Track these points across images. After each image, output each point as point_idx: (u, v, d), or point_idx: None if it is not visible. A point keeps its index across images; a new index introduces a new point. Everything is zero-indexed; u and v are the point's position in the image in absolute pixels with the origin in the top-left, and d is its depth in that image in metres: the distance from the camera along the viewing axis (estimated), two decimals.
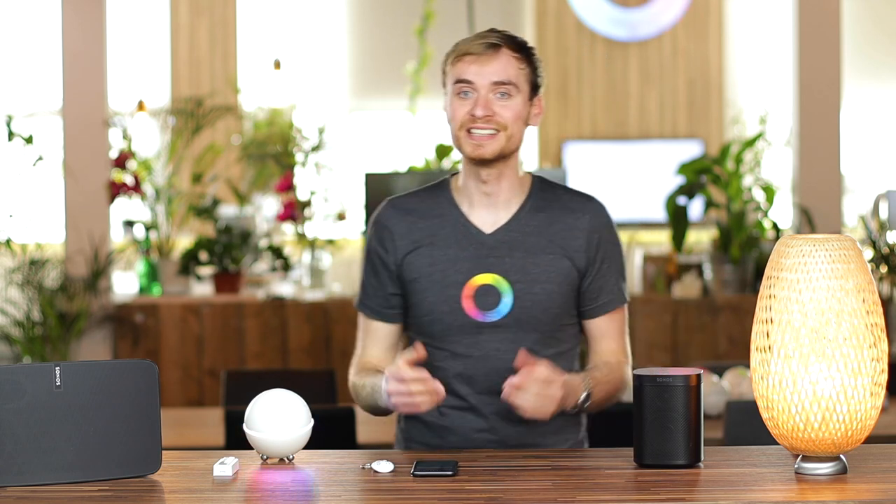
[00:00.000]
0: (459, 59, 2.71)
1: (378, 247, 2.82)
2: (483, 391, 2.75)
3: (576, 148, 9.52)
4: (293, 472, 2.47)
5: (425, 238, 2.78)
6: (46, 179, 6.58)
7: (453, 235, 2.77)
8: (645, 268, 6.62)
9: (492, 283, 2.70)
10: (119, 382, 2.41)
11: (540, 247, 2.76)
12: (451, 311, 2.74)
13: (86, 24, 6.30)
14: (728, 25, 9.78)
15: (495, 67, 2.69)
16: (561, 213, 2.79)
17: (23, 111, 7.73)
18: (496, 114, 2.70)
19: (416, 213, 2.81)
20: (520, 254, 2.75)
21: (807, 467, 2.38)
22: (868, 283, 2.35)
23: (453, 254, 2.76)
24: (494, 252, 2.75)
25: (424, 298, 2.76)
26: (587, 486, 2.36)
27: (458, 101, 2.72)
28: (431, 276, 2.76)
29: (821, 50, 6.40)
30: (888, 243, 6.00)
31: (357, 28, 9.81)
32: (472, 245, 2.76)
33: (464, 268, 2.75)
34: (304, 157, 6.81)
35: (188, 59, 9.82)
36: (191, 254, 6.48)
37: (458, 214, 2.79)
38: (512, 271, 2.73)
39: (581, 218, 2.80)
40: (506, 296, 2.69)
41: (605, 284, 2.81)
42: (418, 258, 2.77)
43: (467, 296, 2.70)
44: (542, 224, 2.78)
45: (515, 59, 2.72)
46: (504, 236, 2.76)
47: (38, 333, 6.18)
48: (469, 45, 2.71)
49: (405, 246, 2.79)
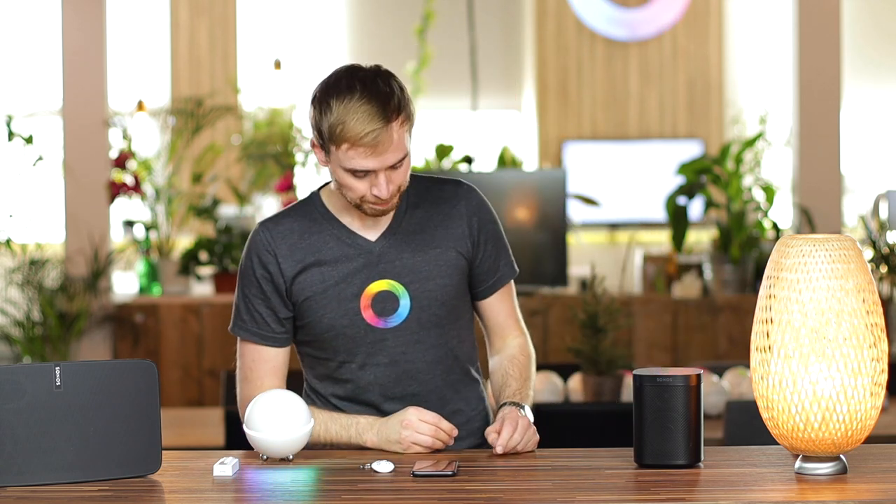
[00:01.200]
0: (351, 147, 2.57)
1: (263, 272, 2.74)
2: (395, 396, 2.76)
3: (576, 148, 9.52)
4: (293, 472, 2.47)
5: (310, 256, 2.74)
6: (46, 179, 6.59)
7: (339, 248, 2.74)
8: (645, 268, 6.62)
9: (388, 288, 2.70)
10: (119, 382, 2.41)
11: (425, 242, 2.76)
12: (352, 323, 2.72)
13: (86, 24, 6.30)
14: (728, 25, 9.78)
15: (389, 148, 2.59)
16: (436, 206, 2.79)
17: (23, 111, 7.73)
18: (397, 185, 2.65)
19: (293, 233, 2.75)
20: (408, 255, 2.74)
21: (807, 467, 2.38)
22: (868, 283, 2.35)
23: (343, 267, 2.73)
24: (383, 258, 2.74)
25: (323, 316, 2.73)
26: (587, 486, 2.36)
27: (353, 179, 2.63)
28: (326, 293, 2.72)
29: (821, 50, 6.40)
30: (888, 243, 6.00)
31: (357, 28, 9.81)
32: (360, 255, 2.74)
33: (357, 279, 2.72)
34: (304, 157, 6.81)
35: (188, 59, 9.82)
36: (191, 254, 6.48)
37: (339, 227, 2.75)
38: (404, 273, 2.73)
39: (456, 205, 2.79)
40: (403, 299, 2.69)
41: (493, 264, 2.82)
42: (308, 277, 2.73)
43: (365, 305, 2.70)
44: (422, 220, 2.77)
45: (401, 124, 2.61)
46: (389, 240, 2.75)
47: (38, 333, 6.18)
48: (356, 132, 2.56)
49: (291, 267, 2.73)
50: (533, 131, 9.58)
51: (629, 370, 4.25)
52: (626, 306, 6.20)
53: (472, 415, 2.85)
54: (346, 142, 2.58)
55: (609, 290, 4.54)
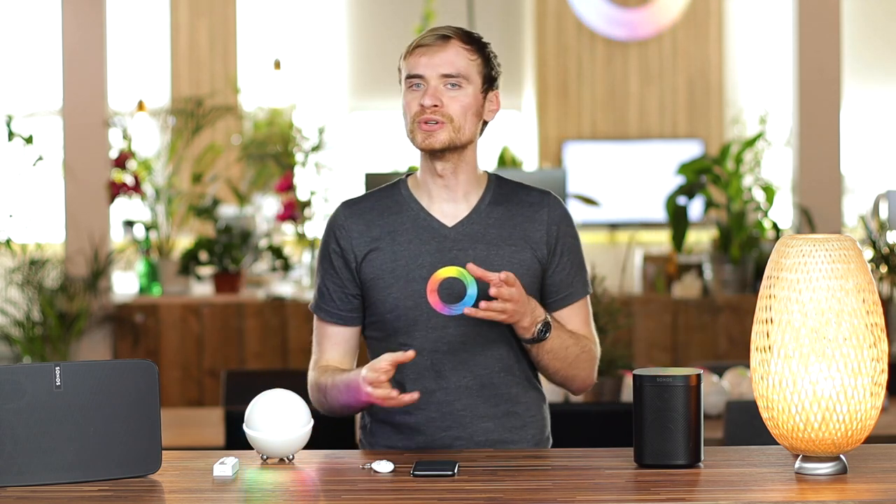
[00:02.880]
0: (410, 53, 2.73)
1: (336, 248, 2.79)
2: (449, 386, 2.75)
3: (576, 148, 9.52)
4: (293, 472, 2.47)
5: (385, 235, 2.77)
6: (46, 179, 6.59)
7: (414, 230, 2.77)
8: (645, 268, 6.62)
9: (456, 275, 2.68)
10: (119, 382, 2.41)
11: (501, 238, 2.77)
12: (416, 305, 2.73)
13: (86, 24, 6.30)
14: (728, 25, 9.78)
15: (444, 59, 2.71)
16: (519, 207, 2.80)
17: (23, 111, 7.73)
18: (444, 104, 2.71)
19: (373, 211, 2.80)
20: (482, 246, 2.75)
21: (807, 467, 2.38)
22: (868, 283, 2.35)
23: (415, 248, 2.75)
24: (457, 245, 2.75)
25: (388, 295, 2.75)
26: (587, 486, 2.36)
27: (409, 94, 2.74)
28: (394, 272, 2.74)
29: (821, 50, 6.40)
30: (888, 243, 6.00)
31: (357, 28, 9.81)
32: (434, 239, 2.76)
33: (427, 262, 2.74)
34: (304, 157, 6.82)
35: (188, 59, 9.82)
36: (191, 254, 6.48)
37: (417, 209, 2.78)
38: (475, 264, 2.71)
39: (539, 211, 2.80)
40: (470, 288, 2.67)
41: (566, 277, 2.82)
42: (379, 255, 2.76)
43: (432, 289, 2.66)
44: (503, 217, 2.79)
45: (465, 51, 2.72)
46: (466, 229, 2.77)
47: (38, 333, 6.18)
48: (419, 39, 2.74)
49: (364, 244, 2.77)
50: (533, 131, 9.59)
51: (629, 370, 4.26)
52: (626, 306, 6.20)
53: (528, 420, 2.82)
54: (408, 49, 2.74)
55: (609, 290, 4.54)
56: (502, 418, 2.76)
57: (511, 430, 2.78)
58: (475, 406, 2.74)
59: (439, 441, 2.76)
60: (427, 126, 2.71)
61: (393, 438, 2.80)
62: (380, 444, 2.83)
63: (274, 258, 6.62)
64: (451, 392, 2.74)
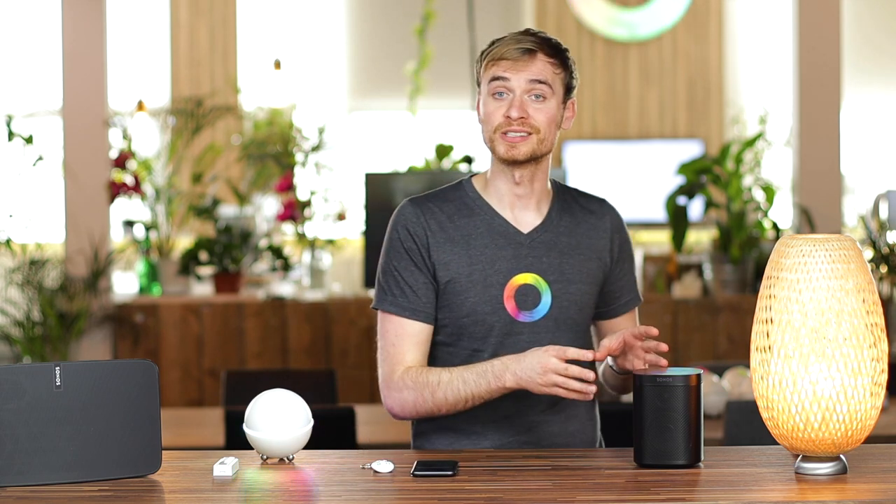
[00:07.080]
0: (495, 63, 2.71)
1: (412, 244, 2.74)
2: (516, 393, 2.71)
3: (576, 148, 9.52)
4: (293, 472, 2.47)
5: (459, 237, 2.75)
6: (46, 179, 6.58)
7: (489, 235, 2.76)
8: (645, 268, 6.62)
9: (532, 282, 2.70)
10: (119, 382, 2.41)
11: (572, 247, 2.78)
12: (493, 311, 2.72)
13: (86, 24, 6.30)
14: (728, 25, 9.78)
15: (531, 73, 2.70)
16: (583, 215, 2.83)
17: (23, 111, 7.73)
18: (530, 116, 2.70)
19: (443, 212, 2.77)
20: (555, 254, 2.76)
21: (807, 467, 2.38)
22: (868, 283, 2.35)
23: (491, 253, 2.74)
24: (532, 252, 2.75)
25: (466, 299, 2.73)
26: (587, 486, 2.36)
27: (493, 103, 2.71)
28: (471, 276, 2.73)
29: (821, 50, 6.40)
30: (888, 243, 6.00)
31: (357, 28, 9.81)
32: (510, 245, 2.75)
33: (503, 268, 2.74)
34: (304, 157, 6.81)
35: (188, 59, 9.82)
36: (191, 254, 6.48)
37: (492, 214, 2.78)
38: (549, 271, 2.74)
39: (602, 219, 2.83)
40: (545, 295, 2.69)
41: (625, 284, 2.86)
42: (455, 258, 2.74)
43: (509, 296, 2.69)
44: (571, 225, 2.80)
45: (551, 64, 2.72)
46: (540, 237, 2.77)
47: (38, 333, 6.18)
48: (505, 48, 2.70)
49: (438, 245, 2.74)
50: None
51: None
52: None
53: (586, 422, 2.84)
54: (492, 58, 2.71)
55: None
56: (565, 423, 2.79)
57: (572, 435, 2.80)
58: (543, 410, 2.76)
59: (507, 446, 2.76)
60: (511, 137, 2.70)
61: (455, 443, 2.78)
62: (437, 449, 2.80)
63: (274, 258, 6.62)
64: (514, 399, 2.73)
